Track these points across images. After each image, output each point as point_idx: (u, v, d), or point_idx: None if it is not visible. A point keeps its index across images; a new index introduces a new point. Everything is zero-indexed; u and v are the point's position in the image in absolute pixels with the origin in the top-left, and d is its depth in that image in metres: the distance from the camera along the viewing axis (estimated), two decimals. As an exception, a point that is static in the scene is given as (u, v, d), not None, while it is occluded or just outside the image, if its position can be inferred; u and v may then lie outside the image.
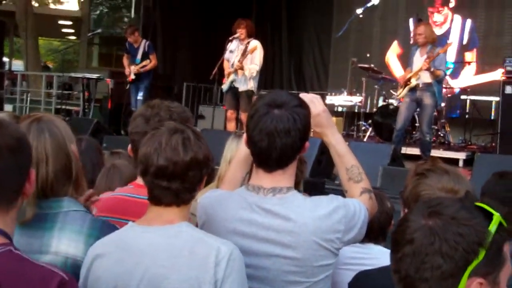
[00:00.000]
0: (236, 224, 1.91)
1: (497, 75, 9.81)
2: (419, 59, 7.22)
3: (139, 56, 9.12)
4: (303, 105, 1.92)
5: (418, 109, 7.46)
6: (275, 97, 1.90)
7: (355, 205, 1.95)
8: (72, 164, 1.90)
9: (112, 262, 1.78)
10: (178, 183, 1.79)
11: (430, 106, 7.18)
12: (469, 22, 10.67)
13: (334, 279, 2.05)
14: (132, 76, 9.12)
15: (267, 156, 1.88)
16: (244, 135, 2.13)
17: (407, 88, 7.27)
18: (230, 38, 8.02)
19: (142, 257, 1.76)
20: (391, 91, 9.54)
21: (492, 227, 1.20)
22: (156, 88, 10.15)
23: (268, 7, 13.06)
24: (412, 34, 7.45)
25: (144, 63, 9.04)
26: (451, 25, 10.84)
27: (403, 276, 1.26)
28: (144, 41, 9.24)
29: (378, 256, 2.66)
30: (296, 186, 2.00)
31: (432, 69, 6.94)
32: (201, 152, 1.83)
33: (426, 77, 7.09)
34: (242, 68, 7.77)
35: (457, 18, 10.80)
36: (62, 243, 1.53)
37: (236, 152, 2.28)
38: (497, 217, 1.21)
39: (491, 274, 1.20)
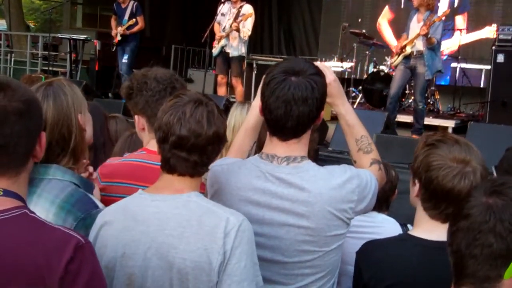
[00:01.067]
0: (249, 193, 1.90)
1: (485, 33, 9.85)
2: (415, 25, 7.14)
3: (126, 17, 8.93)
4: (320, 73, 1.89)
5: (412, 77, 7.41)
6: (293, 64, 1.87)
7: (366, 176, 1.95)
8: (72, 135, 1.86)
9: (119, 230, 1.76)
10: (197, 156, 1.77)
11: (422, 75, 7.12)
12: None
13: (339, 247, 2.05)
14: (118, 38, 8.95)
15: (283, 124, 1.85)
16: (254, 102, 2.10)
17: (401, 56, 7.21)
18: (222, 0, 7.89)
19: (149, 226, 1.74)
20: (386, 57, 9.48)
21: None
22: (144, 50, 10.00)
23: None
24: None
25: (130, 22, 8.86)
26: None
27: (455, 250, 1.26)
28: (132, 2, 9.03)
29: (382, 224, 2.69)
30: (308, 155, 1.98)
31: (428, 35, 6.87)
32: (222, 128, 1.82)
33: (420, 45, 7.03)
34: (238, 30, 7.65)
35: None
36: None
37: (245, 119, 2.25)
38: None
39: None
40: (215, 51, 7.99)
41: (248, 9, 7.79)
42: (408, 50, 7.10)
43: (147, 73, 2.33)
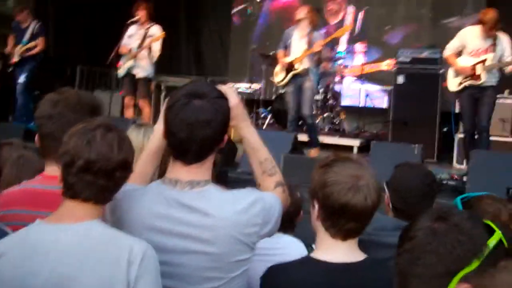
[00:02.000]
0: (152, 219, 1.86)
1: (384, 66, 10.29)
2: (298, 42, 7.16)
3: (26, 38, 8.51)
4: (224, 96, 1.89)
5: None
6: (196, 88, 1.87)
7: (270, 199, 1.97)
8: None
9: (16, 262, 1.68)
10: (104, 180, 1.73)
11: (310, 89, 7.17)
12: (361, 13, 10.99)
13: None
14: (16, 58, 8.53)
15: (186, 148, 1.84)
16: (157, 126, 2.07)
17: (291, 75, 7.18)
18: (129, 22, 7.78)
19: (49, 257, 1.67)
20: (270, 78, 9.52)
21: (491, 242, 1.27)
22: (47, 71, 9.65)
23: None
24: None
25: (30, 44, 8.48)
26: (345, 15, 11.14)
27: (399, 270, 1.33)
28: (35, 21, 8.67)
29: (287, 245, 2.70)
30: (213, 178, 1.97)
31: (323, 54, 7.08)
32: (131, 156, 1.80)
33: (307, 63, 7.09)
34: (150, 49, 7.55)
35: (351, 8, 11.11)
36: None
37: (147, 143, 2.21)
38: (498, 234, 1.29)
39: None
40: (122, 72, 7.85)
41: (157, 30, 7.74)
42: (299, 68, 7.09)
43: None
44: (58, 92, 2.26)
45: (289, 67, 7.19)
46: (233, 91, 2.06)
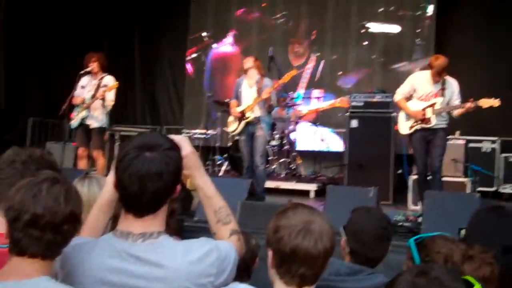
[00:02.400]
0: (104, 273, 1.80)
1: (337, 103, 10.48)
2: (248, 91, 7.27)
3: None
4: (175, 147, 1.88)
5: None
6: (146, 139, 1.85)
7: (226, 247, 1.95)
8: None
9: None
10: (51, 234, 1.68)
11: (263, 137, 7.22)
12: (322, 62, 11.22)
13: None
14: None
15: (137, 201, 1.80)
16: (109, 177, 2.04)
17: (243, 123, 7.26)
18: (82, 72, 7.71)
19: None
20: (224, 128, 9.57)
21: None
22: (-2, 123, 9.50)
23: (120, 40, 12.83)
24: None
25: None
26: (308, 60, 11.35)
27: None
28: None
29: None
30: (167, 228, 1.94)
31: (271, 102, 7.06)
32: (79, 208, 1.76)
33: (258, 111, 7.17)
34: (104, 98, 7.50)
35: (313, 55, 11.34)
36: None
37: (100, 195, 2.16)
38: (478, 287, 1.32)
39: None
40: (75, 123, 7.75)
41: (110, 80, 7.70)
42: (251, 116, 7.16)
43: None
44: (13, 149, 2.25)
45: (241, 116, 7.26)
46: (186, 140, 2.05)
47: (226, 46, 12.02)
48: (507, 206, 2.42)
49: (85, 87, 7.75)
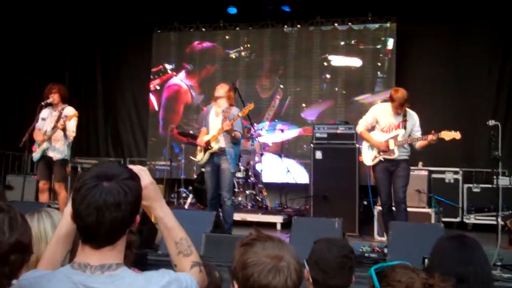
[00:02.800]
0: (61, 307, 1.73)
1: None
2: (214, 119, 7.18)
3: None
4: (134, 177, 1.84)
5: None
6: (105, 169, 1.80)
7: (186, 279, 1.90)
8: None
9: None
10: None
11: (228, 170, 7.04)
12: (288, 96, 11.32)
13: None
14: None
15: (95, 232, 1.75)
16: (66, 209, 1.98)
17: (208, 154, 7.13)
18: (43, 104, 7.59)
19: None
20: (191, 157, 9.48)
21: None
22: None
23: (82, 71, 12.75)
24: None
25: None
26: (276, 93, 11.43)
27: None
28: None
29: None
30: (126, 260, 1.88)
31: (233, 133, 6.91)
32: (26, 236, 1.70)
33: (223, 142, 7.04)
34: (64, 128, 7.36)
35: (280, 88, 11.43)
36: None
37: (57, 227, 2.10)
38: None
39: None
40: (36, 155, 7.59)
41: (70, 110, 7.60)
42: (215, 147, 7.05)
43: None
44: None
45: (206, 146, 7.14)
46: (145, 170, 2.01)
47: (178, 79, 12.04)
48: (467, 236, 2.43)
49: (45, 119, 7.63)
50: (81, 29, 12.48)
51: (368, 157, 6.86)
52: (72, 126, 7.51)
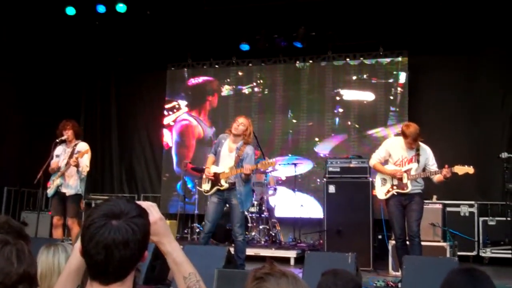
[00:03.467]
0: None
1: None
2: (227, 154, 6.98)
3: None
4: (142, 214, 1.85)
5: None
6: (113, 207, 1.81)
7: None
8: None
9: None
10: None
11: (238, 207, 6.87)
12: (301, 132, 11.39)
13: None
14: None
15: (104, 269, 1.76)
16: (77, 244, 2.00)
17: (215, 189, 6.94)
18: (57, 141, 7.71)
19: None
20: (197, 187, 9.41)
21: None
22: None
23: (97, 108, 12.91)
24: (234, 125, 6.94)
25: None
26: (289, 128, 11.52)
27: None
28: None
29: None
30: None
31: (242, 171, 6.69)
32: (33, 268, 1.73)
33: (233, 178, 6.89)
34: (77, 165, 7.42)
35: (293, 123, 11.53)
36: None
37: (68, 262, 2.12)
38: None
39: None
40: (50, 191, 7.67)
41: (83, 146, 7.69)
42: (225, 185, 6.86)
43: None
44: None
45: (214, 180, 6.96)
46: (154, 206, 2.03)
47: (187, 114, 12.16)
48: (478, 269, 2.42)
49: (59, 156, 7.72)
50: (96, 66, 12.70)
51: (381, 191, 6.85)
52: (85, 161, 7.59)
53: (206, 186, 7.11)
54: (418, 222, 6.61)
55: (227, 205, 7.12)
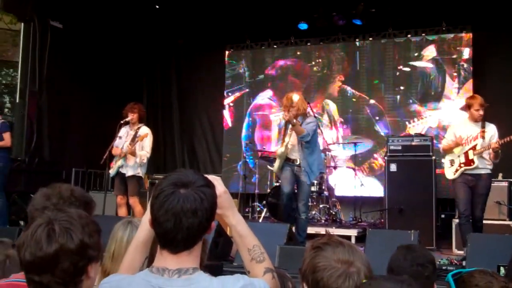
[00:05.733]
0: (140, 308, 1.81)
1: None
2: (289, 131, 7.11)
3: None
4: (209, 185, 1.91)
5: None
6: (181, 176, 1.87)
7: (260, 285, 1.93)
8: None
9: None
10: (48, 276, 1.71)
11: (306, 184, 7.04)
12: (361, 110, 11.28)
13: None
14: None
15: (173, 237, 1.82)
16: (144, 217, 2.07)
17: (278, 160, 7.18)
18: (122, 122, 7.94)
19: None
20: (268, 166, 9.46)
21: None
22: (43, 174, 9.74)
23: (158, 91, 13.14)
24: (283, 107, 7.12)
25: None
26: (348, 107, 11.43)
27: None
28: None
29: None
30: (201, 265, 1.95)
31: (293, 121, 6.77)
32: (71, 242, 1.75)
33: (296, 154, 7.03)
34: (133, 153, 7.67)
35: (353, 102, 11.40)
36: None
37: (135, 235, 2.20)
38: None
39: None
40: (112, 171, 7.94)
41: (144, 130, 7.88)
42: (279, 151, 7.14)
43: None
44: (50, 186, 2.30)
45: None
46: (219, 180, 2.07)
47: (264, 99, 12.17)
48: None
49: (122, 138, 7.95)
50: (156, 49, 12.90)
51: (450, 171, 6.87)
52: (146, 146, 7.75)
53: (276, 164, 7.30)
54: (483, 207, 6.63)
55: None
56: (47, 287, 1.71)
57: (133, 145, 7.67)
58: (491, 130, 6.70)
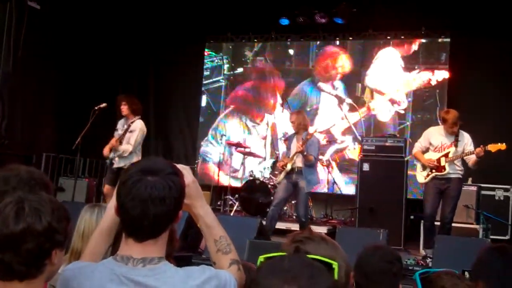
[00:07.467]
0: (103, 297, 1.79)
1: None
2: (295, 146, 7.60)
3: None
4: (178, 173, 1.88)
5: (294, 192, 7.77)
6: (150, 164, 1.85)
7: (225, 276, 1.92)
8: None
9: None
10: (10, 255, 1.68)
11: (304, 191, 7.50)
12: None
13: None
14: None
15: (139, 225, 1.80)
16: (110, 203, 2.04)
17: (283, 173, 7.67)
18: (96, 108, 7.98)
19: None
20: (272, 177, 9.74)
21: None
22: (14, 157, 9.58)
23: (134, 81, 12.91)
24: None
25: None
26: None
27: None
28: None
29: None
30: (168, 258, 1.93)
31: (304, 153, 7.35)
32: (39, 224, 1.72)
33: (299, 162, 7.49)
34: (116, 147, 7.70)
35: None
36: None
37: (100, 221, 2.17)
38: None
39: None
40: (108, 161, 7.97)
41: (136, 124, 7.83)
42: (289, 167, 7.58)
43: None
44: (8, 168, 2.24)
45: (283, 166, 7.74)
46: (188, 169, 2.04)
47: (242, 91, 12.14)
48: (510, 247, 2.41)
49: (118, 130, 7.93)
50: (135, 38, 12.67)
51: (421, 175, 7.07)
52: (132, 140, 7.69)
53: (280, 176, 7.87)
54: (453, 209, 6.80)
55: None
56: (8, 265, 1.68)
57: (121, 138, 7.65)
58: (465, 139, 6.90)
